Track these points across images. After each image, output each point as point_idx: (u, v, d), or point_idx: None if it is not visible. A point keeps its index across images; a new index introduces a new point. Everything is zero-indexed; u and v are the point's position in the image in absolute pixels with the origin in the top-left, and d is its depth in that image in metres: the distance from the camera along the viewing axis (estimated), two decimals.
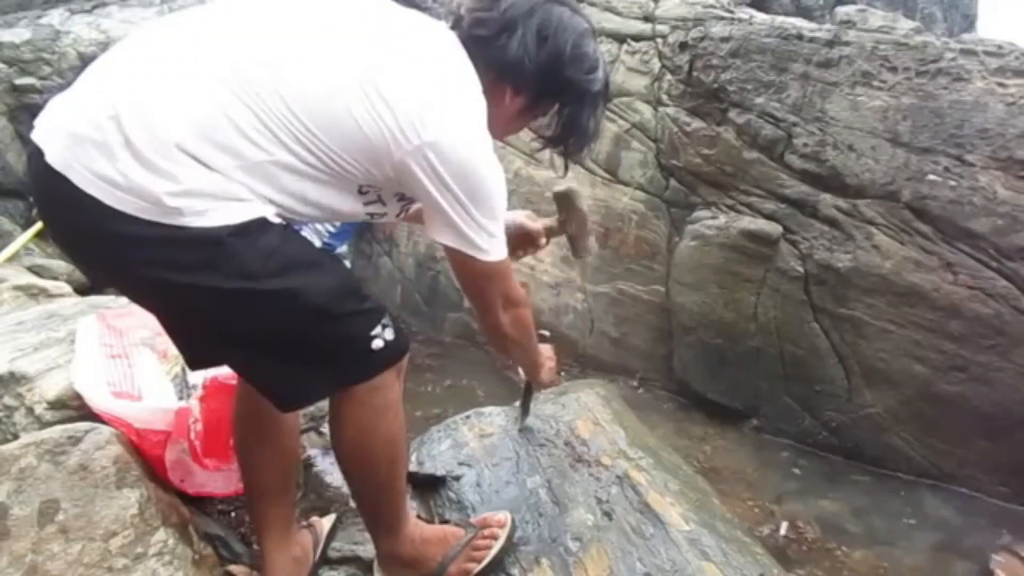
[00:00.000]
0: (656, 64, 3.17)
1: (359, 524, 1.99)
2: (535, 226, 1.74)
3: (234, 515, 1.83)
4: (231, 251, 1.09)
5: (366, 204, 1.27)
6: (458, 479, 1.89)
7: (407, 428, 1.43)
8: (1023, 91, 2.44)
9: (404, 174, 1.17)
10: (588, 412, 2.03)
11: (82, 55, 4.90)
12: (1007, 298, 2.45)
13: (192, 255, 1.08)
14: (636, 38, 3.26)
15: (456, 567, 1.50)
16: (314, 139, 1.12)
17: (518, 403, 2.00)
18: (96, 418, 1.58)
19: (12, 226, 4.23)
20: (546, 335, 1.90)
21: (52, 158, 1.08)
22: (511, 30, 1.28)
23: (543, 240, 1.77)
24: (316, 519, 1.74)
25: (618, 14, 3.34)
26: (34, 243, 3.82)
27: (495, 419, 2.07)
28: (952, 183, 2.52)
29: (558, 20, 1.32)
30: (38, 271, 3.46)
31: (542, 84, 1.33)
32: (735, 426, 2.94)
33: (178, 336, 1.29)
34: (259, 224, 1.11)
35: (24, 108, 4.83)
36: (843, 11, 2.88)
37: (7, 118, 4.82)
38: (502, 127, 1.38)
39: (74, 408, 1.62)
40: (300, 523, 1.69)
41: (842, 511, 2.49)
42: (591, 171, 3.29)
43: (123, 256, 1.10)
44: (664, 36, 3.17)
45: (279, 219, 1.15)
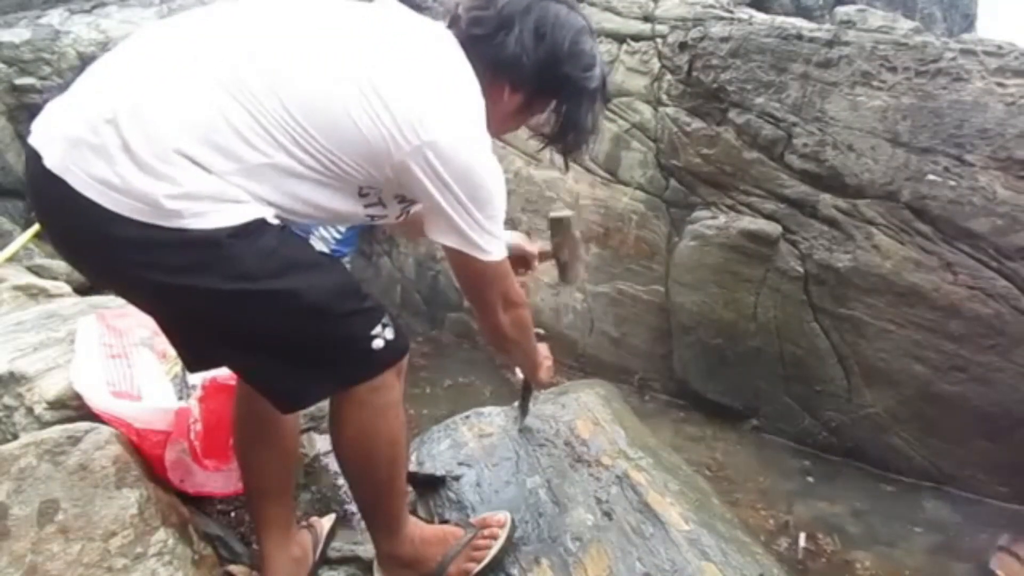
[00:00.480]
0: (656, 64, 3.17)
1: (359, 524, 1.99)
2: (531, 248, 1.75)
3: (234, 515, 1.83)
4: (230, 252, 1.08)
5: (366, 206, 1.26)
6: (458, 479, 1.89)
7: (407, 428, 1.42)
8: (1023, 91, 2.44)
9: (404, 175, 1.17)
10: (588, 412, 2.03)
11: (82, 55, 4.89)
12: (1007, 298, 2.45)
13: (191, 257, 1.07)
14: (636, 38, 3.26)
15: (456, 567, 1.50)
16: (313, 141, 1.12)
17: (517, 403, 2.00)
18: (96, 418, 1.58)
19: (12, 226, 4.23)
20: (542, 333, 1.88)
21: (49, 161, 1.07)
22: (508, 28, 1.28)
23: (536, 263, 1.78)
24: (316, 519, 1.74)
25: (618, 14, 3.34)
26: (34, 243, 3.82)
27: (495, 419, 2.07)
28: (952, 183, 2.52)
29: (555, 17, 1.32)
30: (38, 271, 3.45)
31: (539, 81, 1.33)
32: (735, 426, 2.94)
33: (177, 338, 1.29)
34: (258, 225, 1.10)
35: (24, 108, 4.82)
36: (843, 11, 2.88)
37: (7, 118, 4.82)
38: (500, 125, 1.37)
39: (74, 408, 1.62)
40: (300, 523, 1.69)
41: (842, 511, 2.49)
42: (591, 171, 3.29)
43: (121, 259, 1.10)
44: (664, 36, 3.17)
45: (278, 220, 1.14)
